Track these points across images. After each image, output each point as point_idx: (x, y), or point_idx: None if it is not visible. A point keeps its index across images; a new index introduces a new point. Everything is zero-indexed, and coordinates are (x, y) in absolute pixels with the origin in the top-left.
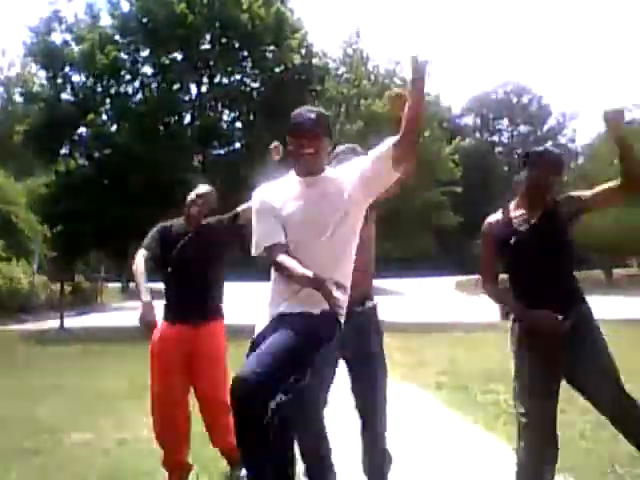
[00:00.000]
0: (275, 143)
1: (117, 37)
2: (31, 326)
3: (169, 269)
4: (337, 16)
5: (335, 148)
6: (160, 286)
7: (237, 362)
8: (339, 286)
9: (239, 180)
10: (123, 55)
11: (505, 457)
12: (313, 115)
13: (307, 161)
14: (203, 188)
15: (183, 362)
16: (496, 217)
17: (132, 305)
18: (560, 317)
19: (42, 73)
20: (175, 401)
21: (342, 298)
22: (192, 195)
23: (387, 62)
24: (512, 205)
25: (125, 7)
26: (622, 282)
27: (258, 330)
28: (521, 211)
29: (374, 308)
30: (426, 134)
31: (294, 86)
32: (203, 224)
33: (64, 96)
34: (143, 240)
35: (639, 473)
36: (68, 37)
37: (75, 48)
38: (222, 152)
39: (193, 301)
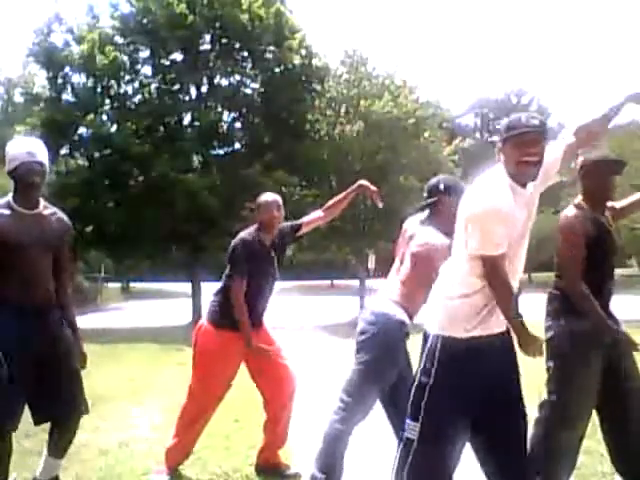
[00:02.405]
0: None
1: (117, 38)
2: None
3: (253, 280)
4: (337, 17)
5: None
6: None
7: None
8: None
9: (239, 180)
10: (123, 56)
11: None
12: (537, 121)
13: (533, 169)
14: (275, 196)
15: (238, 366)
16: (578, 214)
17: (132, 305)
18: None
19: (43, 73)
20: (217, 403)
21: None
22: (271, 202)
23: (387, 63)
24: (581, 205)
25: (125, 8)
26: (622, 282)
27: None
28: (592, 212)
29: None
30: (426, 134)
31: (294, 86)
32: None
33: (64, 96)
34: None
35: None
36: (69, 38)
37: (75, 49)
38: (222, 152)
39: (263, 309)
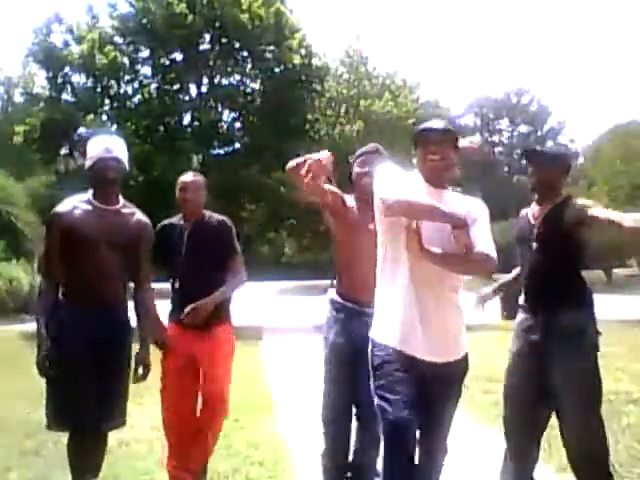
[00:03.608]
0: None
1: (117, 38)
2: (31, 326)
3: (175, 270)
4: (338, 17)
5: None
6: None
7: (241, 363)
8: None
9: (239, 180)
10: (123, 56)
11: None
12: (440, 125)
13: (437, 168)
14: (190, 175)
15: (193, 365)
16: (524, 211)
17: (132, 305)
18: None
19: (43, 73)
20: (189, 405)
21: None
22: (189, 183)
23: (387, 63)
24: (534, 202)
25: (124, 8)
26: (622, 282)
27: None
28: (536, 208)
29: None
30: None
31: (294, 86)
32: (204, 219)
33: (64, 96)
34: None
35: (639, 473)
36: (68, 37)
37: (75, 49)
38: (222, 152)
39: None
